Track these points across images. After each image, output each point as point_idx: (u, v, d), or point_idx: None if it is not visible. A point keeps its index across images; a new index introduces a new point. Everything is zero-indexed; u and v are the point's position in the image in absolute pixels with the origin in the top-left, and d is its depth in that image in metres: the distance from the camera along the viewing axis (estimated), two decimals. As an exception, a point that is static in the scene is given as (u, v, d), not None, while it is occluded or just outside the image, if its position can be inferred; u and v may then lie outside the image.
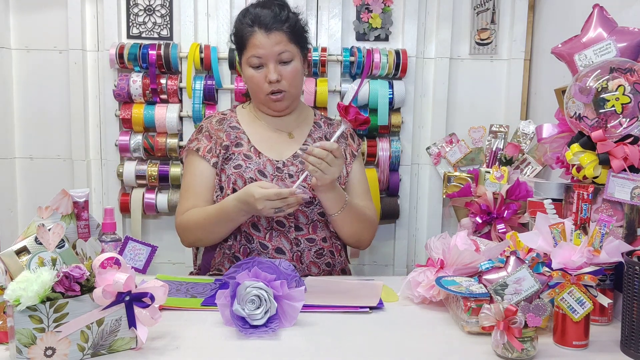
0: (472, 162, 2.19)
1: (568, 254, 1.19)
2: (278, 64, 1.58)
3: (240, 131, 1.68)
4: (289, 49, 1.57)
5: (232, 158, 1.62)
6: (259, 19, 1.57)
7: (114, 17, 2.27)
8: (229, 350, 1.11)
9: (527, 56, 2.33)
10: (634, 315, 1.08)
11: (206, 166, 1.64)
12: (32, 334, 0.99)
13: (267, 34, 1.56)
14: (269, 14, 1.57)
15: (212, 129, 1.68)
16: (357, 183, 1.73)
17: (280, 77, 1.58)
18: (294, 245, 1.61)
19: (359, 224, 1.66)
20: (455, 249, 1.31)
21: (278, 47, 1.56)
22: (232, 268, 1.41)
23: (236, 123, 1.70)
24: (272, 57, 1.57)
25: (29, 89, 2.36)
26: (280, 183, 1.58)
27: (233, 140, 1.65)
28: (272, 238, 1.60)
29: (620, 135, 1.29)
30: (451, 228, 2.39)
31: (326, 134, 1.72)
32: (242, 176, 1.59)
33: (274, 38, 1.56)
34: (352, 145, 1.76)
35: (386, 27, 2.33)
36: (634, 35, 1.36)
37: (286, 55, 1.57)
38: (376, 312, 1.32)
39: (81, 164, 2.35)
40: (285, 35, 1.57)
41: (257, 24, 1.57)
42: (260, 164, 1.61)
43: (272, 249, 1.59)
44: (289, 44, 1.58)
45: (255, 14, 1.58)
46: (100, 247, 1.25)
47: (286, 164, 1.63)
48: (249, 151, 1.64)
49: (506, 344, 1.06)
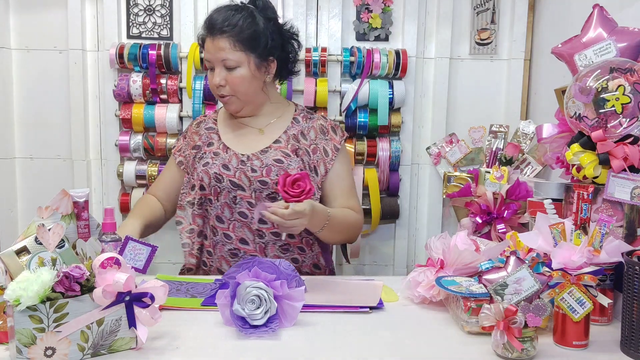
0: (472, 162, 2.19)
1: (568, 254, 1.19)
2: (224, 69, 1.61)
3: (213, 131, 1.75)
4: (231, 56, 1.59)
5: (203, 157, 1.69)
6: (209, 23, 1.61)
7: (114, 17, 2.27)
8: (229, 350, 1.11)
9: (527, 56, 2.33)
10: (634, 315, 1.08)
11: (172, 162, 1.79)
12: (32, 334, 0.99)
13: (213, 39, 1.60)
14: (219, 19, 1.59)
15: (191, 131, 1.80)
16: (339, 181, 1.72)
17: (224, 82, 1.62)
18: (256, 236, 1.64)
19: (344, 232, 1.69)
20: (455, 249, 1.31)
21: (221, 53, 1.59)
22: (232, 268, 1.42)
23: (212, 124, 1.77)
24: (217, 62, 1.61)
25: (29, 89, 2.36)
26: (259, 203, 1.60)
27: (205, 140, 1.72)
28: (235, 229, 1.64)
29: (620, 135, 1.29)
30: (451, 228, 2.39)
31: (303, 130, 1.71)
32: (208, 172, 1.65)
33: (217, 44, 1.59)
34: (335, 138, 1.73)
35: (386, 27, 2.33)
36: (634, 35, 1.36)
37: (229, 62, 1.60)
38: (376, 312, 1.32)
39: (81, 164, 2.35)
40: (230, 41, 1.59)
41: (207, 29, 1.62)
42: (225, 159, 1.66)
43: (236, 239, 1.64)
44: (233, 51, 1.59)
45: (210, 18, 1.62)
46: (100, 247, 1.25)
47: (251, 158, 1.65)
48: (218, 148, 1.69)
49: (506, 344, 1.06)
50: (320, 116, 1.78)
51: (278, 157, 1.64)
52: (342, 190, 1.71)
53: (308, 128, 1.72)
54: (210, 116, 1.82)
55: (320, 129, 1.73)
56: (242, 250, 1.64)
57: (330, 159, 1.70)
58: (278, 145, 1.67)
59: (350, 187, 1.75)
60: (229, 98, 1.65)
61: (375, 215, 2.34)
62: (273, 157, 1.64)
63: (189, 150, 1.74)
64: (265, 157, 1.65)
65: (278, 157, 1.64)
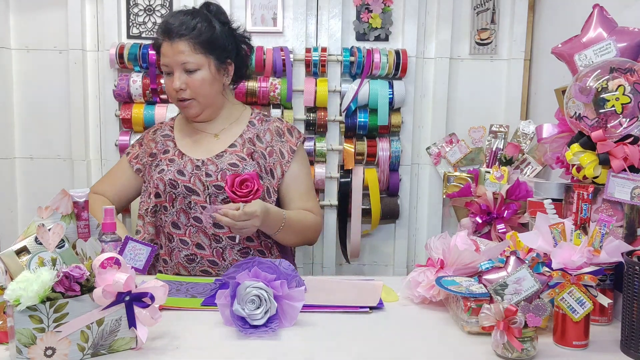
0: (472, 162, 2.19)
1: (568, 254, 1.19)
2: (184, 73, 1.60)
3: (169, 138, 1.74)
4: (192, 59, 1.59)
5: (158, 165, 1.67)
6: (166, 28, 1.60)
7: (114, 17, 2.27)
8: (229, 350, 1.11)
9: (527, 56, 2.33)
10: (634, 315, 1.08)
11: (127, 168, 1.76)
12: (32, 334, 0.99)
13: (171, 43, 1.59)
14: (176, 23, 1.59)
15: (147, 138, 1.78)
16: (296, 183, 1.71)
17: (185, 85, 1.61)
18: (213, 241, 1.63)
19: (302, 234, 1.68)
20: (455, 249, 1.31)
21: (180, 56, 1.58)
22: (232, 268, 1.41)
23: (169, 131, 1.76)
24: (176, 66, 1.60)
25: (29, 89, 2.36)
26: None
27: (160, 148, 1.71)
28: (191, 234, 1.63)
29: (620, 135, 1.29)
30: (451, 228, 2.39)
31: (258, 133, 1.70)
32: (163, 179, 1.63)
33: (176, 47, 1.58)
34: (291, 140, 1.73)
35: (386, 27, 2.33)
36: (634, 35, 1.36)
37: (190, 65, 1.59)
38: (376, 312, 1.32)
39: (81, 164, 2.35)
40: (189, 44, 1.58)
41: (164, 33, 1.61)
42: (180, 165, 1.65)
43: (193, 245, 1.63)
44: (193, 54, 1.59)
45: (165, 23, 1.61)
46: (100, 247, 1.25)
47: (206, 163, 1.64)
48: (174, 155, 1.68)
49: (506, 344, 1.06)
50: (277, 118, 1.77)
51: (233, 160, 1.63)
52: (299, 192, 1.71)
53: (264, 131, 1.71)
54: (167, 123, 1.80)
55: (276, 131, 1.72)
56: (199, 256, 1.63)
57: (287, 161, 1.69)
58: (233, 149, 1.66)
59: (308, 189, 1.74)
60: (189, 102, 1.63)
61: (375, 215, 2.34)
62: (228, 161, 1.63)
63: (146, 158, 1.73)
64: (220, 161, 1.64)
65: (233, 161, 1.63)
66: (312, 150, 2.31)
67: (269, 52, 2.24)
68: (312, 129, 2.32)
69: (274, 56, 2.23)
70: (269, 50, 2.25)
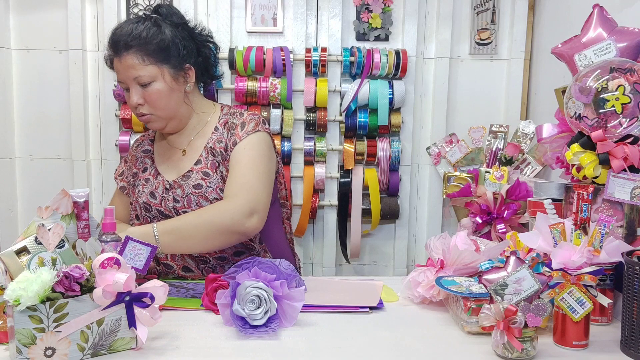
0: (472, 162, 2.19)
1: (568, 254, 1.19)
2: (139, 87, 1.50)
3: (148, 155, 1.67)
4: (143, 72, 1.48)
5: (137, 184, 1.63)
6: (112, 42, 1.51)
7: (114, 17, 2.27)
8: (229, 350, 1.11)
9: (527, 56, 2.33)
10: (634, 315, 1.08)
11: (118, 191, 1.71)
12: (32, 334, 0.99)
13: (120, 58, 1.49)
14: (122, 36, 1.49)
15: (131, 154, 1.72)
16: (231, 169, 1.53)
17: (142, 100, 1.51)
18: (200, 262, 1.57)
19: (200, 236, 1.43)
20: (455, 249, 1.31)
21: (130, 71, 1.48)
22: (232, 268, 1.41)
23: (148, 145, 1.69)
24: (129, 81, 1.50)
25: (29, 89, 2.36)
26: None
27: (140, 166, 1.66)
28: (175, 258, 1.58)
29: (620, 135, 1.29)
30: (451, 228, 2.39)
31: (220, 137, 1.57)
32: (138, 201, 1.58)
33: (125, 62, 1.49)
34: (238, 133, 1.56)
35: (386, 27, 2.33)
36: (634, 35, 1.36)
37: (142, 78, 1.49)
38: (376, 312, 1.32)
39: (81, 164, 2.35)
40: (138, 57, 1.48)
41: (112, 48, 1.52)
42: (153, 186, 1.59)
43: (178, 268, 1.58)
44: (143, 66, 1.48)
45: (113, 36, 1.51)
46: (100, 247, 1.25)
47: (173, 186, 1.56)
48: (150, 174, 1.62)
49: (506, 344, 1.06)
50: (238, 114, 1.61)
51: (198, 181, 1.53)
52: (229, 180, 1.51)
53: (224, 132, 1.59)
54: (148, 135, 1.73)
55: (229, 127, 1.58)
56: (189, 278, 1.57)
57: (227, 154, 1.55)
58: (199, 167, 1.55)
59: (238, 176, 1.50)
60: (149, 117, 1.53)
61: (375, 215, 2.34)
62: (193, 183, 1.53)
63: (130, 177, 1.67)
64: (187, 184, 1.54)
65: (198, 182, 1.53)
66: (312, 150, 2.31)
67: (269, 52, 2.24)
68: (312, 129, 2.32)
69: (274, 56, 2.24)
70: (269, 50, 2.25)
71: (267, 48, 2.26)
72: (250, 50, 2.25)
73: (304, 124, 2.32)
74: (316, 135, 2.34)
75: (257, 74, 2.30)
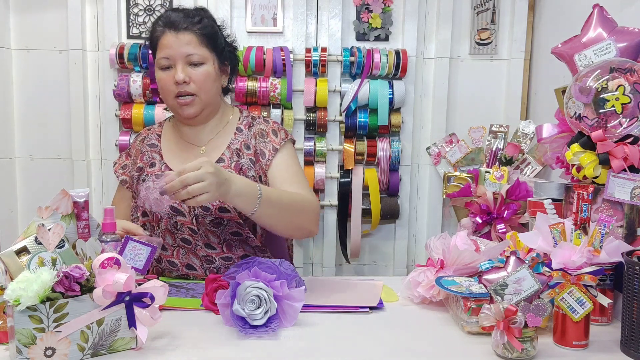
0: (472, 162, 2.19)
1: (568, 254, 1.19)
2: (187, 66, 1.51)
3: (156, 149, 1.63)
4: (198, 52, 1.50)
5: (145, 180, 1.59)
6: (170, 20, 1.52)
7: (114, 17, 2.27)
8: (229, 350, 1.11)
9: (527, 56, 2.33)
10: (634, 315, 1.08)
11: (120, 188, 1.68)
12: (32, 334, 0.99)
13: (176, 33, 1.50)
14: (180, 16, 1.52)
15: (134, 147, 1.69)
16: (282, 171, 1.57)
17: (189, 79, 1.50)
18: (204, 262, 1.56)
19: (290, 213, 1.47)
20: (455, 249, 1.31)
21: (187, 47, 1.49)
22: (232, 268, 1.41)
23: (155, 140, 1.66)
24: (180, 58, 1.50)
25: (29, 89, 2.37)
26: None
27: (147, 161, 1.62)
28: (179, 255, 1.57)
29: (620, 135, 1.29)
30: (451, 228, 2.40)
31: (246, 140, 1.59)
32: (149, 197, 1.54)
33: (183, 38, 1.50)
34: (274, 140, 1.60)
35: (386, 27, 2.33)
36: (634, 35, 1.36)
37: (196, 57, 1.50)
38: (376, 312, 1.32)
39: (81, 164, 2.35)
40: (196, 36, 1.51)
41: (167, 26, 1.52)
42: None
43: (182, 266, 1.57)
44: (199, 46, 1.51)
45: (167, 16, 1.54)
46: (100, 247, 1.25)
47: None
48: (160, 169, 1.58)
49: (506, 344, 1.06)
50: (263, 120, 1.66)
51: None
52: (283, 178, 1.56)
53: (250, 136, 1.60)
54: (154, 130, 1.70)
55: (260, 133, 1.61)
56: (192, 276, 1.57)
57: (267, 159, 1.57)
58: (221, 165, 1.54)
59: (293, 176, 1.57)
60: (191, 99, 1.52)
61: (375, 215, 2.34)
62: None
63: (134, 172, 1.64)
64: None
65: None
66: (312, 150, 2.31)
67: (269, 52, 2.24)
68: (312, 129, 2.32)
69: (274, 56, 2.24)
70: (269, 50, 2.25)
71: (267, 48, 2.26)
72: (250, 50, 2.25)
73: (304, 124, 2.32)
74: (316, 135, 2.35)
75: (257, 73, 2.30)
